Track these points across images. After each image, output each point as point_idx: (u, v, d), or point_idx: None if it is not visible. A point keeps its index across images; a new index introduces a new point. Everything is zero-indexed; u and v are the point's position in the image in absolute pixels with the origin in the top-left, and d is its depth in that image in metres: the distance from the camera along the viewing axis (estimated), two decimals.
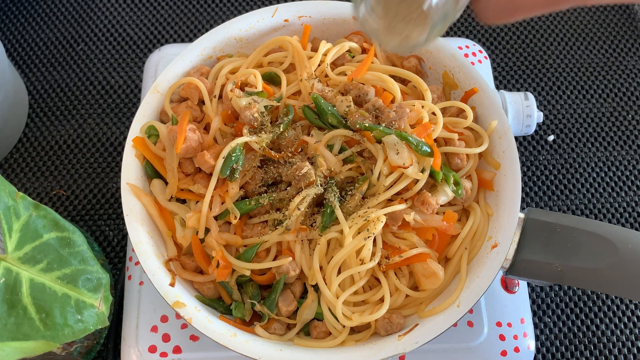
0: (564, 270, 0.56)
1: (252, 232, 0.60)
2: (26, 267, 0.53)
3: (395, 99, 0.63)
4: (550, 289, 0.76)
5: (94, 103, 0.86)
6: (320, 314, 0.59)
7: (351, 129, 0.60)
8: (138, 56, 0.89)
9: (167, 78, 0.65)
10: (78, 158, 0.82)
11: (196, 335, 0.63)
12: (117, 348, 0.69)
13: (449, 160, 0.63)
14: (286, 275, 0.58)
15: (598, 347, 0.74)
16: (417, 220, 0.59)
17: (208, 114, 0.63)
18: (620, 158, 0.85)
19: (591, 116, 0.88)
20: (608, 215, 0.81)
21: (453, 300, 0.57)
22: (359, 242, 0.56)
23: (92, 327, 0.54)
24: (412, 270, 0.60)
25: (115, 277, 0.74)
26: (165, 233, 0.61)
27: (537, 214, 0.59)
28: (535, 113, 0.74)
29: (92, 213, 0.79)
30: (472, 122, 0.63)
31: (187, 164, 0.61)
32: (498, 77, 0.90)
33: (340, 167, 0.60)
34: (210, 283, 0.60)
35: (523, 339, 0.65)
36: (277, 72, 0.65)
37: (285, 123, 0.60)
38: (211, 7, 0.94)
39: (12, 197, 0.55)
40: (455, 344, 0.64)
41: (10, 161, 0.82)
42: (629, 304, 0.76)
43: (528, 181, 0.83)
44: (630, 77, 0.90)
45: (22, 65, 0.88)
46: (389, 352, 0.55)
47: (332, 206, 0.57)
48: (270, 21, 0.69)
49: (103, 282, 0.56)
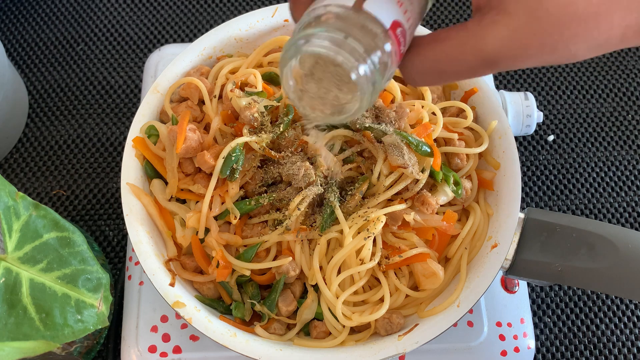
0: (564, 270, 0.56)
1: (252, 232, 0.60)
2: (26, 267, 0.53)
3: (395, 99, 0.63)
4: (550, 289, 0.76)
5: (94, 103, 0.86)
6: (320, 314, 0.59)
7: (351, 128, 0.60)
8: (138, 56, 0.89)
9: (167, 78, 0.65)
10: (78, 158, 0.82)
11: (196, 335, 0.63)
12: (117, 348, 0.69)
13: (449, 160, 0.63)
14: (286, 275, 0.58)
15: (598, 347, 0.74)
16: (417, 220, 0.59)
17: (208, 114, 0.63)
18: (620, 158, 0.85)
19: (591, 116, 0.88)
20: (608, 215, 0.81)
21: (453, 300, 0.57)
22: (358, 242, 0.56)
23: (92, 327, 0.54)
24: (412, 270, 0.60)
25: (115, 277, 0.74)
26: (165, 233, 0.61)
27: (537, 214, 0.59)
28: (535, 113, 0.74)
29: (92, 213, 0.79)
30: (472, 122, 0.63)
31: (187, 164, 0.61)
32: (498, 77, 0.90)
33: (340, 167, 0.60)
34: (210, 283, 0.60)
35: (523, 339, 0.65)
36: (277, 72, 0.65)
37: (285, 123, 0.60)
38: (211, 7, 0.94)
39: (12, 197, 0.55)
40: (455, 344, 0.64)
41: (10, 161, 0.82)
42: (629, 304, 0.76)
43: (528, 181, 0.83)
44: (630, 77, 0.90)
45: (22, 65, 0.88)
46: (389, 352, 0.55)
47: (332, 206, 0.57)
48: (270, 21, 0.69)
49: (103, 282, 0.56)
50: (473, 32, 0.34)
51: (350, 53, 0.34)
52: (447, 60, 0.35)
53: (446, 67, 0.36)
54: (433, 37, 0.36)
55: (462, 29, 0.35)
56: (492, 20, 0.34)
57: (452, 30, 0.35)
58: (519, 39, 0.33)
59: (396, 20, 0.36)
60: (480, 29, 0.34)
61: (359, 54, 0.34)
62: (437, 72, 0.36)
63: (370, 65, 0.35)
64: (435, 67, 0.36)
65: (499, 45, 0.33)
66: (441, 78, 0.37)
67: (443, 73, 0.36)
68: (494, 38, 0.33)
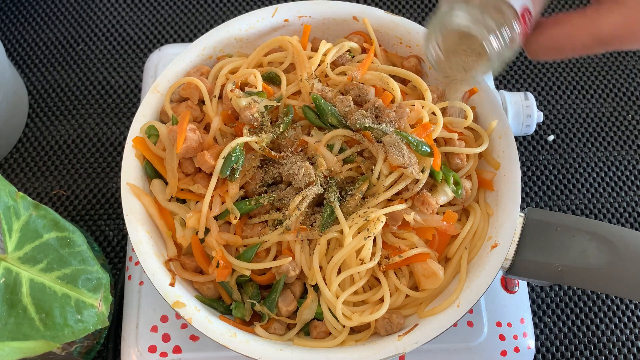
0: (564, 270, 0.56)
1: (252, 232, 0.60)
2: (26, 267, 0.53)
3: (395, 99, 0.63)
4: (550, 289, 0.76)
5: (94, 103, 0.86)
6: (320, 314, 0.59)
7: (351, 128, 0.60)
8: (138, 56, 0.89)
9: (167, 78, 0.65)
10: (78, 158, 0.82)
11: (196, 335, 0.63)
12: (117, 348, 0.69)
13: (449, 160, 0.63)
14: (286, 275, 0.58)
15: (598, 347, 0.74)
16: (417, 220, 0.59)
17: (208, 114, 0.63)
18: (620, 158, 0.85)
19: (591, 116, 0.88)
20: (608, 215, 0.81)
21: (453, 300, 0.57)
22: (358, 242, 0.56)
23: (92, 327, 0.54)
24: (412, 270, 0.60)
25: (115, 277, 0.74)
26: (165, 233, 0.61)
27: (537, 214, 0.59)
28: (535, 113, 0.74)
29: (92, 213, 0.79)
30: (472, 122, 0.63)
31: (187, 164, 0.61)
32: (498, 77, 0.90)
33: (340, 167, 0.60)
34: (210, 283, 0.60)
35: (523, 339, 0.65)
36: (277, 72, 0.65)
37: (285, 123, 0.60)
38: (211, 7, 0.94)
39: (12, 197, 0.55)
40: (455, 344, 0.64)
41: (10, 161, 0.82)
42: (629, 304, 0.76)
43: (528, 181, 0.83)
44: (630, 77, 0.90)
45: (22, 65, 0.88)
46: (389, 352, 0.55)
47: (332, 206, 0.57)
48: (270, 21, 0.69)
49: (103, 282, 0.56)
50: (591, 18, 0.43)
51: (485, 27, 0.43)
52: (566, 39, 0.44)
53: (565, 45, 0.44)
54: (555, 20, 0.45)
55: (581, 14, 0.44)
56: (609, 9, 0.43)
57: (573, 15, 0.44)
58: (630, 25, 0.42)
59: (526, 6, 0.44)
60: (599, 16, 0.43)
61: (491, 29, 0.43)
62: (557, 48, 0.45)
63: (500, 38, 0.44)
64: (556, 45, 0.45)
65: (612, 28, 0.42)
66: (559, 53, 0.46)
67: (561, 49, 0.45)
68: (609, 23, 0.42)
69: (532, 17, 0.45)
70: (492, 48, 0.44)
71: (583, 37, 0.43)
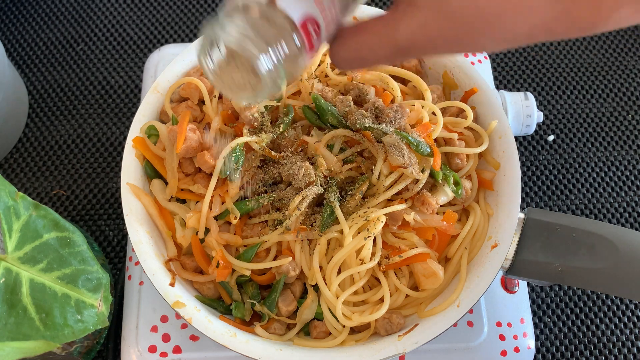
0: (564, 270, 0.56)
1: (252, 232, 0.60)
2: (26, 267, 0.53)
3: (395, 99, 0.63)
4: (550, 289, 0.76)
5: (94, 103, 0.86)
6: (320, 314, 0.59)
7: (351, 129, 0.60)
8: (138, 56, 0.89)
9: (167, 78, 0.65)
10: (78, 158, 0.82)
11: (196, 335, 0.63)
12: (117, 348, 0.69)
13: (449, 160, 0.63)
14: (286, 275, 0.58)
15: (598, 347, 0.74)
16: (417, 220, 0.59)
17: (208, 114, 0.63)
18: (620, 158, 0.85)
19: (591, 116, 0.88)
20: (608, 215, 0.81)
21: (453, 300, 0.57)
22: (358, 242, 0.56)
23: (92, 327, 0.54)
24: (412, 270, 0.60)
25: (115, 277, 0.74)
26: (165, 233, 0.61)
27: (537, 214, 0.59)
28: (535, 113, 0.74)
29: (92, 213, 0.79)
30: (472, 122, 0.63)
31: (187, 164, 0.61)
32: (498, 77, 0.90)
33: (340, 167, 0.60)
34: (210, 283, 0.60)
35: (523, 339, 0.65)
36: None
37: (285, 123, 0.60)
38: (211, 7, 0.94)
39: (12, 197, 0.55)
40: (455, 344, 0.64)
41: (10, 161, 0.82)
42: (629, 304, 0.76)
43: (528, 181, 0.83)
44: (630, 77, 0.90)
45: (22, 65, 0.88)
46: (389, 352, 0.55)
47: (332, 206, 0.57)
48: None
49: (103, 282, 0.56)
50: (387, 23, 0.37)
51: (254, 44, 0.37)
52: (366, 49, 0.38)
53: (366, 55, 0.39)
54: (356, 28, 0.40)
55: (379, 20, 0.38)
56: (403, 12, 0.36)
57: (372, 21, 0.38)
58: (426, 31, 0.35)
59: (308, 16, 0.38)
60: (393, 20, 0.37)
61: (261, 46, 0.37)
62: (359, 59, 0.39)
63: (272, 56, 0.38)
64: (357, 55, 0.39)
65: (409, 35, 0.36)
66: (363, 64, 0.40)
67: (364, 60, 0.39)
68: (405, 29, 0.36)
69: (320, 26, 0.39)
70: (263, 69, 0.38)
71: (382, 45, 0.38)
